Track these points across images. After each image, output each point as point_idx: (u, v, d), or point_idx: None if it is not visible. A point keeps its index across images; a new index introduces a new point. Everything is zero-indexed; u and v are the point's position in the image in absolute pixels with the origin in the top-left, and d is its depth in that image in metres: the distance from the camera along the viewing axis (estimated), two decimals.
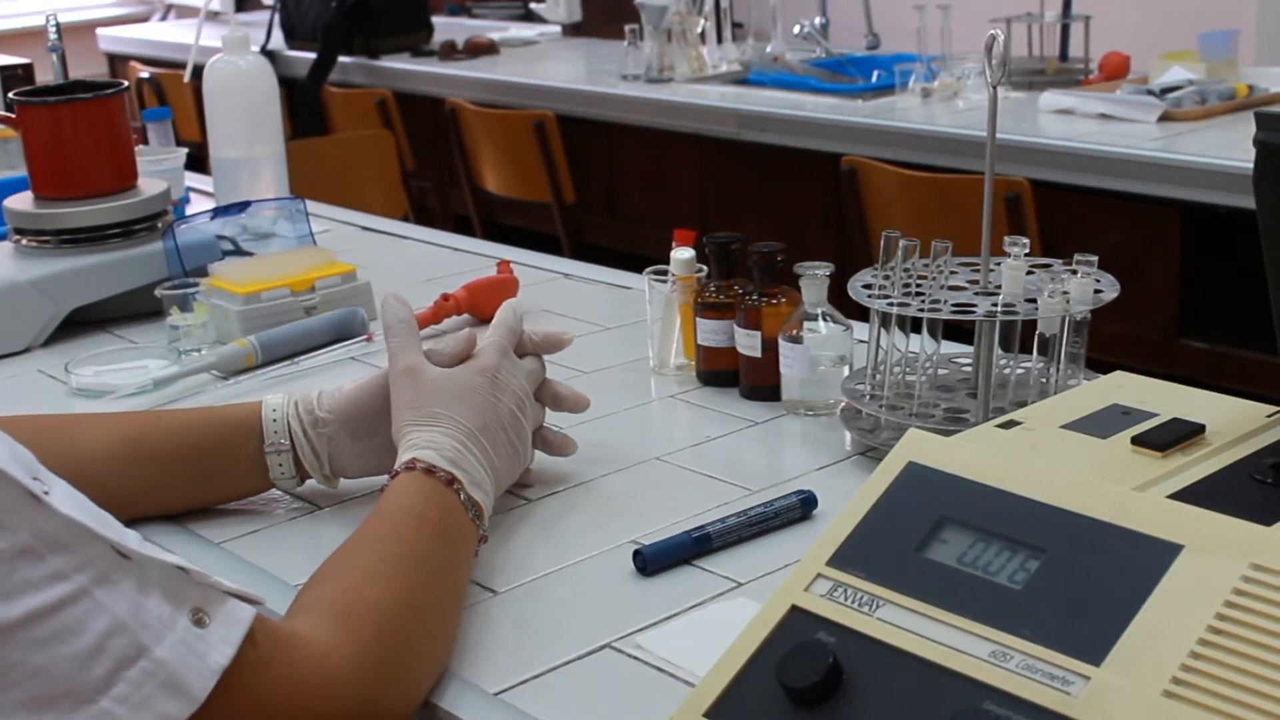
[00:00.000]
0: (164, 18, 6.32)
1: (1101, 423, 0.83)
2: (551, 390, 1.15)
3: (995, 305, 1.13)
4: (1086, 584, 0.67)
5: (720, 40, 3.77)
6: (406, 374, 1.04)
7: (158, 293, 1.52)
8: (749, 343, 1.29)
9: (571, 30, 4.82)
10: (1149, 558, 0.66)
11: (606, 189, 3.81)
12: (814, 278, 1.24)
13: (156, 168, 1.85)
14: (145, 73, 4.79)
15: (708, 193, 3.55)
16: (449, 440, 1.00)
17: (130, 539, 0.73)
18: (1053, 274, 1.16)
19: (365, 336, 1.52)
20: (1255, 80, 3.02)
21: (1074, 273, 1.15)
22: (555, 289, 1.73)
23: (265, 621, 0.78)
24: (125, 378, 1.42)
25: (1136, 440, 0.79)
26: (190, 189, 2.08)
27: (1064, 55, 3.40)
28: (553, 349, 1.15)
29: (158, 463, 1.08)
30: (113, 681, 0.69)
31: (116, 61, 5.54)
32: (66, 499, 0.70)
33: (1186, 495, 0.73)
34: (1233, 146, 2.56)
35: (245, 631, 0.75)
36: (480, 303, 1.57)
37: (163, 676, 0.70)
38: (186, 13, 6.06)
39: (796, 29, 3.80)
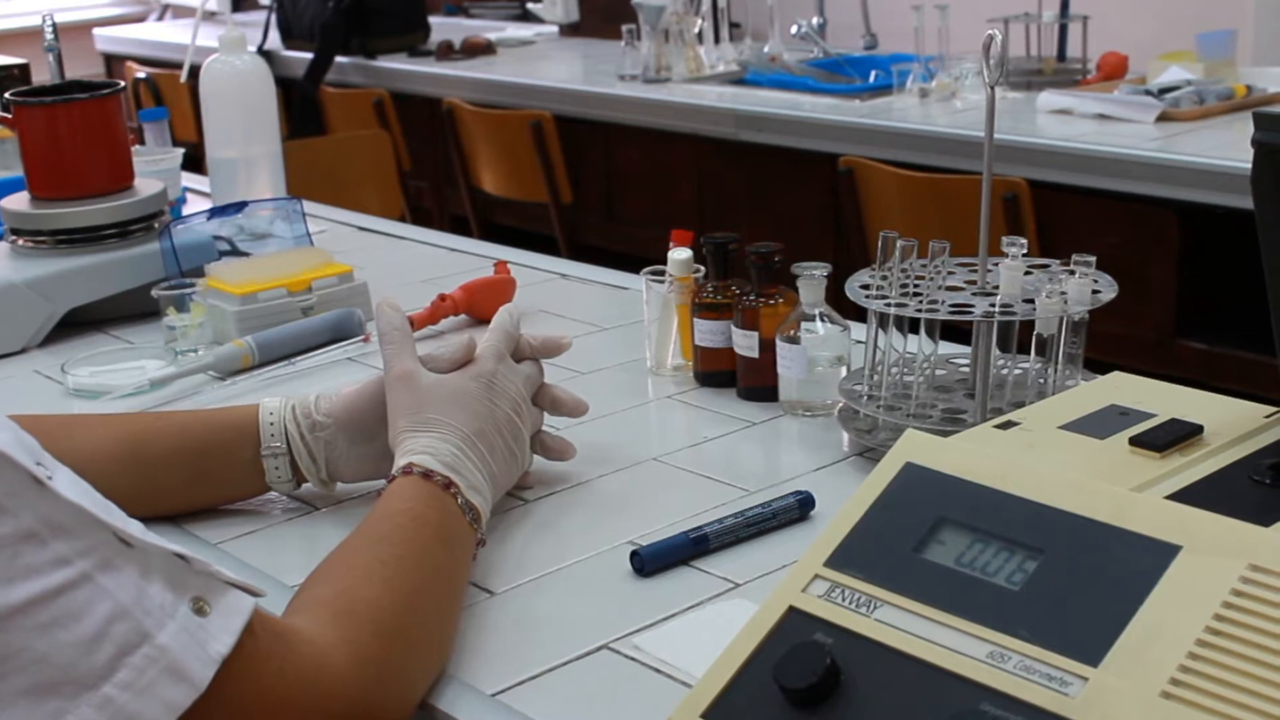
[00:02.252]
0: (160, 18, 6.32)
1: (1099, 423, 0.83)
2: (550, 395, 1.15)
3: (993, 306, 1.12)
4: (1084, 585, 0.66)
5: (717, 40, 3.77)
6: (402, 380, 1.04)
7: (154, 293, 1.52)
8: (746, 343, 1.29)
9: (568, 30, 4.82)
10: (1147, 558, 0.66)
11: (603, 189, 3.81)
12: (811, 278, 1.24)
13: (153, 168, 1.85)
14: (142, 73, 4.79)
15: (705, 193, 3.55)
16: (446, 445, 1.00)
17: (133, 527, 0.72)
18: (1050, 274, 1.16)
19: (362, 337, 1.52)
20: (1253, 80, 3.02)
21: (1072, 273, 1.15)
22: (552, 289, 1.73)
23: (264, 616, 0.78)
24: (122, 378, 1.42)
25: (1134, 441, 0.79)
26: (187, 189, 2.08)
27: (1062, 55, 3.40)
28: (551, 354, 1.15)
29: (155, 465, 1.09)
30: (115, 667, 0.68)
31: (113, 61, 5.54)
32: (70, 485, 0.70)
33: (1185, 496, 0.73)
34: (1231, 147, 2.56)
35: (245, 621, 0.75)
36: (477, 303, 1.57)
37: (165, 663, 0.70)
38: (183, 13, 6.05)
39: (794, 29, 3.79)
